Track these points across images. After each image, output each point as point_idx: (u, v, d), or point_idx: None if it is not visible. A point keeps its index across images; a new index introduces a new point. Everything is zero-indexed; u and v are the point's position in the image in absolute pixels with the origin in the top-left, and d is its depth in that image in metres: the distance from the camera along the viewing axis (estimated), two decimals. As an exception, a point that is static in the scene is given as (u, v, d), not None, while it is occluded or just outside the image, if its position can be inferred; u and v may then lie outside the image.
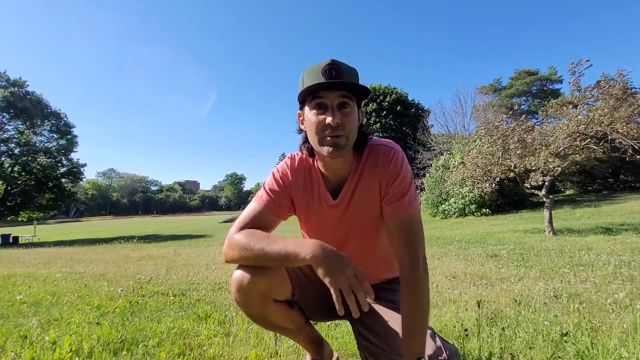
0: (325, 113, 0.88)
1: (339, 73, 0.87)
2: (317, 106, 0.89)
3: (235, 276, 0.97)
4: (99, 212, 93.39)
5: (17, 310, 2.40)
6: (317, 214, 1.07)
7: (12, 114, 21.27)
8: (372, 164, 1.00)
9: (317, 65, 0.89)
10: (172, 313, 2.26)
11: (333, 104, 0.88)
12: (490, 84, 36.52)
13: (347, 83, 0.87)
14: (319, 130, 0.89)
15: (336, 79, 0.86)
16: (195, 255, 6.77)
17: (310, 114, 0.91)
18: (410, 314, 0.90)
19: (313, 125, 0.90)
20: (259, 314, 1.03)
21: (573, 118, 7.46)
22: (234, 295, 0.98)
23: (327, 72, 0.86)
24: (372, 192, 1.01)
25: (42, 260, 6.74)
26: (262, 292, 0.97)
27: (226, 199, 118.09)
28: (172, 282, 3.57)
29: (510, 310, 2.14)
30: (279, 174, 1.05)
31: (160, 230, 25.61)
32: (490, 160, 8.58)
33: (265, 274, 0.97)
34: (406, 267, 0.92)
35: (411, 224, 0.94)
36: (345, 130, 0.88)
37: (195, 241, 12.98)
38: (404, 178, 0.97)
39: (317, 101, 0.89)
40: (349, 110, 0.89)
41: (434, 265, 4.25)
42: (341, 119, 0.87)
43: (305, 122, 0.95)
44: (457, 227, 13.08)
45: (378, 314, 1.07)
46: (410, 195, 0.97)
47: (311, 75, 0.88)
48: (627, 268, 3.47)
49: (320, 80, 0.86)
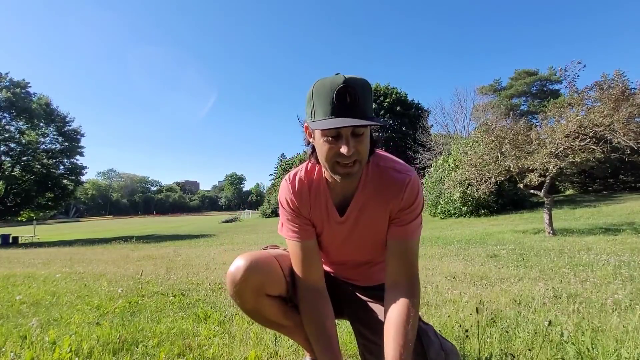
0: (338, 141, 0.83)
1: (354, 98, 0.80)
2: (330, 134, 0.84)
3: (229, 271, 1.00)
4: (98, 212, 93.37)
5: (17, 311, 2.40)
6: (325, 228, 1.07)
7: (14, 114, 21.31)
8: (382, 189, 0.98)
9: (329, 84, 0.81)
10: (171, 313, 2.26)
11: (347, 134, 0.83)
12: (490, 84, 36.52)
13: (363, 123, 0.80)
14: (330, 158, 0.86)
15: (351, 107, 0.80)
16: (195, 256, 6.77)
17: (322, 140, 0.85)
18: (398, 340, 0.87)
19: (325, 152, 0.86)
20: (252, 308, 1.04)
21: (572, 119, 7.47)
22: (229, 289, 1.01)
23: (341, 97, 0.79)
24: (379, 214, 1.00)
25: (42, 261, 6.74)
26: (256, 287, 0.99)
27: (226, 199, 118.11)
28: (171, 282, 3.57)
29: (510, 311, 2.14)
30: (286, 204, 1.04)
31: (160, 230, 25.60)
32: (487, 162, 8.59)
33: (259, 269, 0.99)
34: (402, 284, 0.96)
35: (411, 247, 0.98)
36: (359, 156, 0.86)
37: (195, 241, 12.98)
38: (417, 207, 0.98)
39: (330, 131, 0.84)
40: (362, 136, 0.85)
41: (433, 266, 4.25)
42: (355, 147, 0.83)
43: (315, 142, 0.91)
44: (456, 227, 13.08)
45: (376, 312, 1.07)
46: (417, 221, 0.99)
47: (322, 97, 0.82)
48: (626, 268, 3.47)
49: (332, 105, 0.80)
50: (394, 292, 0.95)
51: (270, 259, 1.05)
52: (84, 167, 25.11)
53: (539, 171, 7.72)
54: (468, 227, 12.56)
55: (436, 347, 0.91)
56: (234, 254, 6.88)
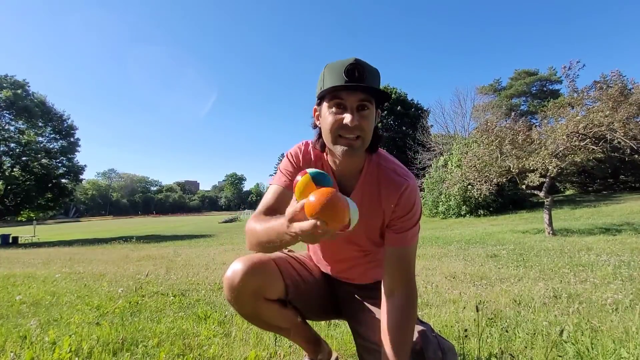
0: (344, 113, 0.87)
1: (362, 74, 0.85)
2: (336, 105, 0.88)
3: (226, 275, 0.98)
4: (98, 212, 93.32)
5: (17, 311, 2.40)
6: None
7: (14, 113, 21.31)
8: (379, 188, 0.99)
9: (340, 63, 0.86)
10: (171, 313, 2.26)
11: (352, 106, 0.87)
12: (490, 84, 36.54)
13: (369, 88, 0.85)
14: (334, 129, 0.88)
15: (358, 81, 0.85)
16: (195, 256, 6.77)
17: (328, 112, 0.89)
18: (396, 341, 0.91)
19: (329, 123, 0.88)
20: (251, 312, 1.03)
21: (572, 119, 7.47)
22: (226, 293, 0.99)
23: (349, 73, 0.84)
24: (373, 212, 1.01)
25: (42, 261, 6.74)
26: (254, 290, 0.98)
27: (226, 199, 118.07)
28: (171, 282, 3.57)
29: (509, 311, 2.14)
30: (292, 157, 1.05)
31: (160, 230, 25.59)
32: (487, 163, 8.59)
33: (257, 273, 0.98)
34: (399, 291, 0.96)
35: (408, 254, 0.98)
36: (363, 131, 0.87)
37: (195, 241, 12.97)
38: (414, 214, 0.98)
39: (336, 101, 0.88)
40: (367, 112, 0.88)
41: (433, 266, 4.25)
42: (359, 121, 0.86)
43: (322, 118, 0.93)
44: (456, 227, 13.08)
45: (375, 312, 1.07)
46: (414, 229, 0.99)
47: (333, 73, 0.86)
48: (626, 268, 3.47)
49: (342, 80, 0.85)
50: (391, 300, 0.96)
51: (268, 262, 1.04)
52: (83, 166, 25.12)
53: (539, 171, 7.73)
54: (468, 227, 12.56)
55: (434, 345, 0.91)
56: (234, 254, 6.88)
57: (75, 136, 24.50)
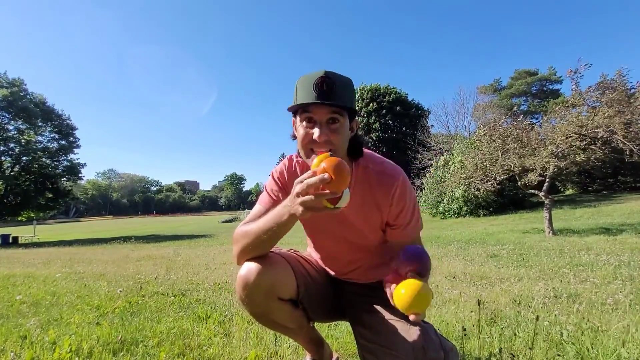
0: (314, 127, 0.89)
1: (330, 88, 0.86)
2: (307, 120, 0.90)
3: (240, 274, 0.97)
4: (98, 213, 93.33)
5: (17, 311, 2.40)
6: (314, 216, 1.07)
7: (12, 113, 21.29)
8: (371, 192, 1.01)
9: (310, 76, 0.88)
10: (171, 313, 2.26)
11: (322, 120, 0.88)
12: (490, 84, 36.56)
13: (334, 103, 0.87)
14: (305, 143, 0.91)
15: (327, 95, 0.86)
16: (195, 256, 6.77)
17: (300, 126, 0.92)
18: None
19: (301, 136, 0.91)
20: (262, 312, 1.03)
21: (573, 119, 7.46)
22: (240, 292, 0.98)
23: (318, 87, 0.86)
24: (368, 216, 1.03)
25: (42, 261, 6.74)
26: (267, 290, 0.98)
27: (226, 199, 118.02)
28: (171, 282, 3.57)
29: (510, 311, 2.14)
30: (277, 175, 1.08)
31: (160, 230, 25.60)
32: (489, 161, 8.59)
33: (271, 272, 0.97)
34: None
35: (414, 243, 1.02)
36: (333, 145, 0.89)
37: (195, 241, 12.97)
38: (410, 206, 1.01)
39: (306, 115, 0.90)
40: (338, 125, 0.89)
41: (433, 266, 4.23)
42: (329, 135, 0.88)
43: (296, 132, 0.96)
44: (456, 227, 13.08)
45: (376, 312, 1.07)
46: (415, 220, 1.02)
47: (304, 88, 0.89)
48: (626, 268, 3.47)
49: (311, 94, 0.86)
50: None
51: (281, 261, 1.04)
52: (83, 164, 25.09)
53: (538, 171, 7.73)
54: (468, 227, 12.56)
55: (436, 346, 0.91)
56: (234, 254, 6.88)
57: (75, 135, 24.52)
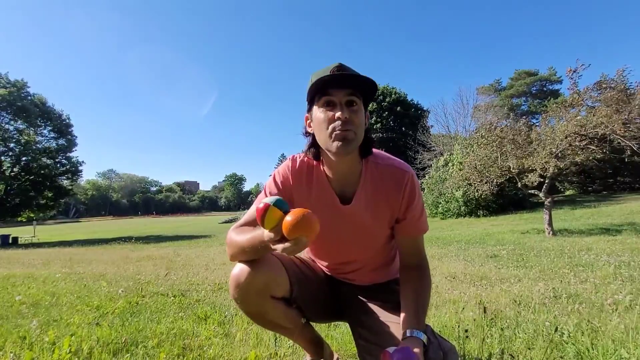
0: (334, 110, 0.90)
1: (346, 70, 0.90)
2: (326, 104, 0.92)
3: (233, 273, 0.98)
4: (98, 213, 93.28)
5: (17, 311, 2.40)
6: (325, 212, 1.04)
7: (12, 113, 21.30)
8: (382, 187, 1.01)
9: (326, 67, 0.91)
10: (171, 314, 2.26)
11: (341, 101, 0.90)
12: (490, 84, 36.60)
13: (354, 76, 0.89)
14: (328, 126, 0.91)
15: (344, 75, 0.89)
16: (195, 256, 6.77)
17: (319, 112, 0.93)
18: (416, 296, 0.99)
19: (322, 121, 0.91)
20: (256, 311, 1.03)
21: (572, 119, 7.47)
22: (232, 292, 0.98)
23: (335, 69, 0.89)
24: (379, 212, 1.02)
25: (42, 261, 6.74)
26: (260, 288, 0.98)
27: (226, 200, 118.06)
28: (171, 282, 3.57)
29: (510, 311, 2.14)
30: (280, 177, 1.05)
31: (160, 230, 25.60)
32: (487, 163, 8.60)
33: (263, 271, 0.97)
34: (413, 265, 1.06)
35: (421, 239, 1.08)
36: (354, 125, 0.90)
37: (195, 242, 12.98)
38: (418, 202, 1.02)
39: (325, 99, 0.91)
40: (356, 108, 0.92)
41: (433, 266, 4.25)
42: (349, 115, 0.89)
43: (314, 121, 0.96)
44: (456, 228, 13.08)
45: (376, 314, 1.07)
46: (422, 216, 1.04)
47: (319, 75, 0.90)
48: (626, 268, 3.47)
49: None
50: (406, 271, 1.06)
51: (273, 260, 1.03)
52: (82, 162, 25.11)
53: (538, 171, 7.73)
54: (468, 227, 12.57)
55: (435, 346, 0.91)
56: (234, 255, 6.89)
57: (72, 133, 24.53)
